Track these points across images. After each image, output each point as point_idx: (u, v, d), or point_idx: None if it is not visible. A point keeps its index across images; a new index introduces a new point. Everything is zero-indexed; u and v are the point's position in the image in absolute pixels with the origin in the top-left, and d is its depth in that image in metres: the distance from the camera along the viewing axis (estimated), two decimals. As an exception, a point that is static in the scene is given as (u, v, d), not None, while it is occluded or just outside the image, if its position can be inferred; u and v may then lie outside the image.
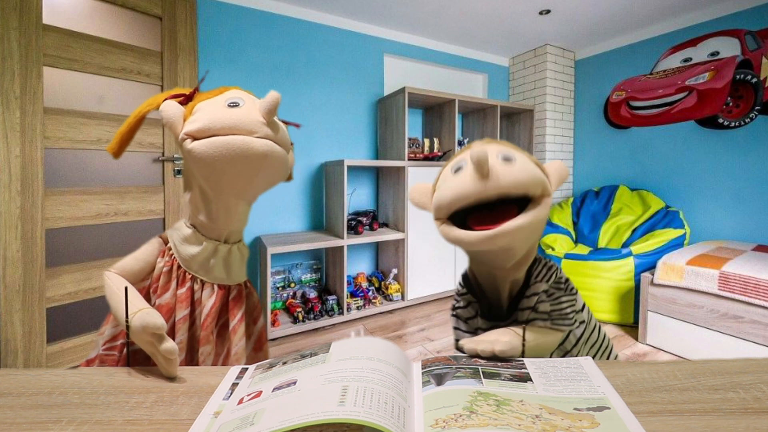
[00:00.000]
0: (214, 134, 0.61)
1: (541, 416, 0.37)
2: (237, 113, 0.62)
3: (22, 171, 1.46)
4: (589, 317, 0.76)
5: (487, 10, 2.52)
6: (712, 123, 2.42)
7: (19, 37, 1.44)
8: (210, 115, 0.62)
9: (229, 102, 0.65)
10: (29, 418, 0.42)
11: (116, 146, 0.68)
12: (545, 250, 2.59)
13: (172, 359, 0.51)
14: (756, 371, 0.47)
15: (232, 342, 0.76)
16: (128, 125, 0.67)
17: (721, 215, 2.47)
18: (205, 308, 0.73)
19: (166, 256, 0.72)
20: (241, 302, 0.78)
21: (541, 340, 0.60)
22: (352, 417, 0.34)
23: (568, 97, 3.33)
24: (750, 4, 2.31)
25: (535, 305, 0.65)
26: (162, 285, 0.70)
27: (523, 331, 0.55)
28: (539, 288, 0.66)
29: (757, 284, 1.63)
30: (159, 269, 0.71)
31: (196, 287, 0.73)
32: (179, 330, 0.71)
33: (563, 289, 0.66)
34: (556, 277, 0.67)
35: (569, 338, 0.70)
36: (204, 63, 2.17)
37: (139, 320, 0.54)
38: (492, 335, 0.54)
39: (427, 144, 2.79)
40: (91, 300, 1.67)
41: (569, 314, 0.64)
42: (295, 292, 2.46)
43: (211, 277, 0.74)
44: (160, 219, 1.87)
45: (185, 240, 0.72)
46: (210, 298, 0.73)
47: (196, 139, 0.62)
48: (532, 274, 0.67)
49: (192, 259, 0.72)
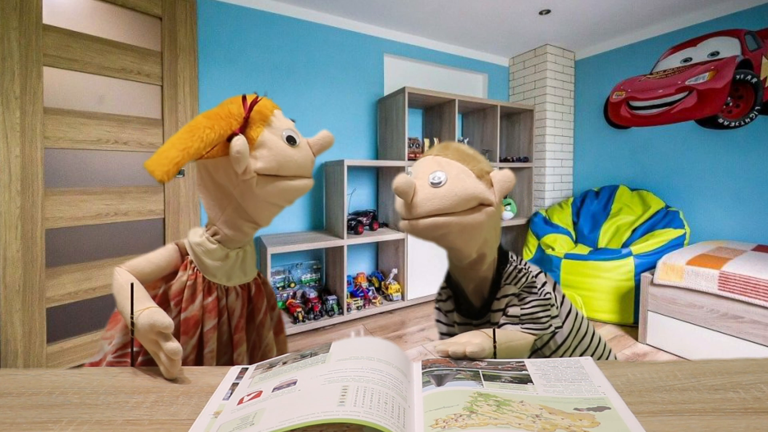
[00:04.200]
0: (279, 174, 0.66)
1: (541, 416, 0.37)
2: (300, 156, 0.69)
3: (22, 171, 1.46)
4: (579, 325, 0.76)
5: (487, 10, 2.52)
6: (712, 123, 2.42)
7: (19, 37, 1.44)
8: (278, 157, 0.66)
9: (287, 136, 0.68)
10: (29, 418, 0.42)
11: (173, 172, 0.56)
12: (545, 250, 2.60)
13: (176, 360, 0.51)
14: (756, 371, 0.47)
15: (261, 335, 0.80)
16: (196, 152, 0.58)
17: (721, 215, 2.46)
18: (235, 312, 0.75)
19: (189, 270, 0.71)
20: (262, 296, 0.81)
21: (513, 343, 0.61)
22: (352, 417, 0.34)
23: (568, 97, 3.33)
24: (750, 4, 2.31)
25: (505, 308, 0.67)
26: (186, 298, 0.70)
27: (493, 334, 0.55)
28: (508, 290, 0.68)
29: (757, 284, 1.63)
30: (182, 283, 0.70)
31: (220, 295, 0.73)
32: (209, 340, 0.71)
33: (535, 293, 0.67)
34: (527, 281, 0.68)
35: (548, 344, 0.71)
36: (204, 63, 2.18)
37: (147, 317, 0.53)
38: (464, 337, 0.55)
39: (427, 144, 2.79)
40: (91, 300, 1.67)
41: (541, 318, 0.65)
42: (295, 292, 2.46)
43: (232, 282, 0.75)
44: (160, 219, 1.87)
45: (209, 254, 0.71)
46: (237, 301, 0.75)
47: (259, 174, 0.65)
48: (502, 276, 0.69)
49: (217, 270, 0.72)
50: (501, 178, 0.64)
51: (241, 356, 0.75)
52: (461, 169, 0.63)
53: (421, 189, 0.61)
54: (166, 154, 0.56)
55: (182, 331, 0.69)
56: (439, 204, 0.60)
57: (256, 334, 0.80)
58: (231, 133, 0.62)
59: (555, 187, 3.28)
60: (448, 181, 0.61)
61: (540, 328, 0.65)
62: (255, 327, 0.80)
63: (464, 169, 0.63)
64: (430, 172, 0.62)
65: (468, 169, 0.63)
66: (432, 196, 0.60)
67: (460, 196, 0.60)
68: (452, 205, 0.60)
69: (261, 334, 0.80)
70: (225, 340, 0.75)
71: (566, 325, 0.73)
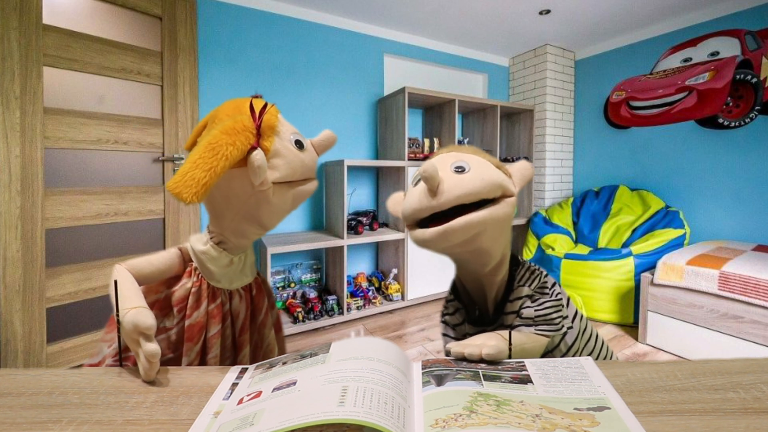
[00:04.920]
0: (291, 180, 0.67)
1: (541, 416, 0.37)
2: (308, 159, 0.69)
3: (22, 171, 1.46)
4: (585, 326, 0.75)
5: (487, 10, 2.52)
6: (712, 123, 2.42)
7: (19, 37, 1.44)
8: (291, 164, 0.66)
9: (295, 140, 0.69)
10: (29, 418, 0.42)
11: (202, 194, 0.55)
12: (545, 250, 2.59)
13: (153, 362, 0.51)
14: (756, 371, 0.47)
15: (263, 335, 0.80)
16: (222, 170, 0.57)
17: (721, 215, 2.46)
18: (240, 315, 0.75)
19: (194, 276, 0.71)
20: (263, 295, 0.81)
21: (528, 345, 0.60)
22: (351, 417, 0.34)
23: (568, 97, 3.33)
24: (750, 4, 2.30)
25: (520, 310, 0.66)
26: (191, 305, 0.70)
27: (509, 336, 0.55)
28: (522, 292, 0.66)
29: (757, 284, 1.63)
30: (186, 290, 0.70)
31: (224, 299, 0.74)
32: (213, 345, 0.71)
33: (548, 293, 0.66)
34: (539, 282, 0.67)
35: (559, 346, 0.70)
36: (204, 63, 2.17)
37: (131, 317, 0.54)
38: (479, 339, 0.54)
39: (427, 144, 2.79)
40: (91, 300, 1.67)
41: (554, 319, 0.64)
42: (295, 292, 2.46)
43: (235, 285, 0.75)
44: (160, 219, 1.87)
45: (214, 261, 0.71)
46: (241, 304, 0.76)
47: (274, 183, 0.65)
48: (515, 278, 0.68)
49: (221, 276, 0.72)
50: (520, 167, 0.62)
51: (246, 358, 0.75)
52: (481, 160, 0.61)
53: (446, 176, 0.56)
54: (192, 175, 0.55)
55: (186, 338, 0.68)
56: (469, 188, 0.55)
57: (258, 334, 0.80)
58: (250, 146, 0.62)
59: (555, 187, 3.28)
60: (472, 168, 0.58)
61: (553, 329, 0.64)
62: (257, 327, 0.80)
63: (483, 161, 0.61)
64: (450, 162, 0.59)
65: (486, 161, 0.62)
66: (459, 181, 0.56)
67: (487, 182, 0.57)
68: (481, 190, 0.56)
69: (263, 334, 0.80)
70: (228, 344, 0.75)
71: (574, 325, 0.73)
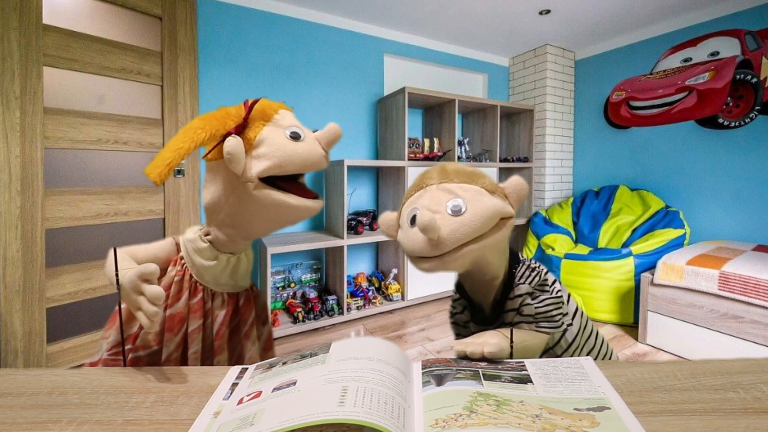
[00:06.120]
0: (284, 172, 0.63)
1: (541, 416, 0.37)
2: (305, 149, 0.63)
3: (22, 171, 1.46)
4: (585, 324, 0.76)
5: (487, 10, 2.52)
6: (712, 123, 2.42)
7: (19, 37, 1.44)
8: (278, 153, 0.61)
9: (291, 132, 0.64)
10: (29, 418, 0.42)
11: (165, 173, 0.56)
12: (545, 250, 2.59)
13: (157, 306, 0.51)
14: (756, 371, 0.47)
15: (245, 347, 0.77)
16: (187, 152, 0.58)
17: (721, 215, 2.46)
18: (218, 318, 0.73)
19: (178, 266, 0.71)
20: (251, 307, 0.79)
21: (529, 342, 0.61)
22: (351, 417, 0.34)
23: (568, 97, 3.32)
24: (750, 4, 2.30)
25: (520, 307, 0.67)
26: (173, 294, 0.69)
27: (510, 333, 0.55)
28: (522, 290, 0.67)
29: (757, 284, 1.63)
30: (170, 278, 0.70)
31: (206, 297, 0.73)
32: (193, 341, 0.70)
33: (548, 291, 0.67)
34: (539, 279, 0.68)
35: (560, 343, 0.71)
36: (204, 63, 2.17)
37: (133, 271, 0.53)
38: (481, 337, 0.54)
39: (427, 144, 2.79)
40: (91, 300, 1.67)
41: (555, 316, 0.65)
42: (295, 292, 2.46)
43: (220, 287, 0.74)
44: (160, 219, 1.87)
45: (199, 252, 0.70)
46: (222, 309, 0.74)
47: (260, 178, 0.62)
48: (515, 276, 0.69)
49: (205, 271, 0.71)
50: (515, 186, 0.62)
51: (221, 364, 0.73)
52: (474, 189, 0.60)
53: (444, 222, 0.56)
54: (161, 155, 0.57)
55: (167, 328, 0.69)
56: (468, 231, 0.56)
57: (240, 346, 0.78)
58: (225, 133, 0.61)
59: (555, 187, 3.28)
60: (468, 206, 0.57)
61: (554, 326, 0.64)
62: (240, 338, 0.78)
63: (477, 189, 0.60)
64: (445, 202, 0.58)
65: (479, 188, 0.60)
66: (459, 225, 0.56)
67: (485, 217, 0.57)
68: (480, 228, 0.57)
69: (245, 346, 0.77)
70: (209, 344, 0.74)
71: (575, 322, 0.73)
